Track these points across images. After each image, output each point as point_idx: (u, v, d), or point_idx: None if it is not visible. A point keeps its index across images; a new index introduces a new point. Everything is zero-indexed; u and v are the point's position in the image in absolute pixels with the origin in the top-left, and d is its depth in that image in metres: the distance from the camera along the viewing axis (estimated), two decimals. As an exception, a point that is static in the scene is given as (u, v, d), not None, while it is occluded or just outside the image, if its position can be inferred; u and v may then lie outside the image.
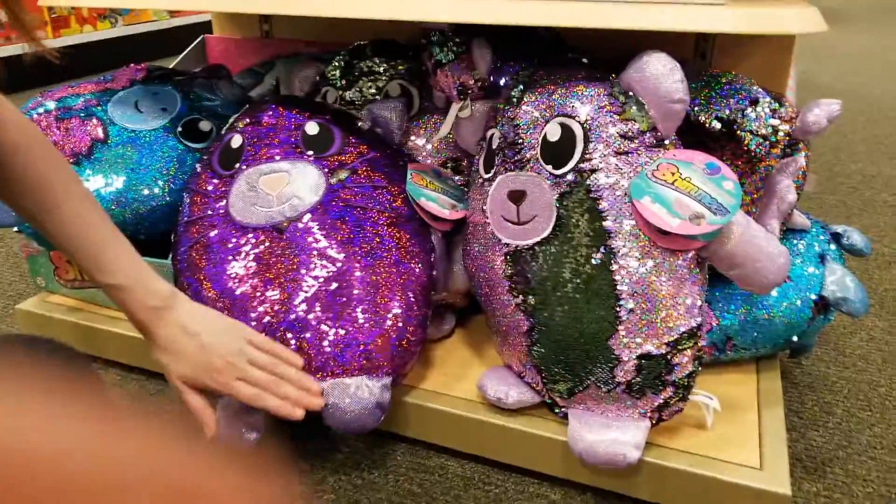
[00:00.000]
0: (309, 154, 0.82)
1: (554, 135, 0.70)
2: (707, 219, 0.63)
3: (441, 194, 0.84)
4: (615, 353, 0.67)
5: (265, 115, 0.86)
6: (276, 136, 0.84)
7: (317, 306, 0.74)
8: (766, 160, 0.75)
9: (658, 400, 0.69)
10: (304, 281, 0.75)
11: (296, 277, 0.76)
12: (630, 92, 0.69)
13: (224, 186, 0.83)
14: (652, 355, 0.67)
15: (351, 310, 0.74)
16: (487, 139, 0.78)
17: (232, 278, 0.77)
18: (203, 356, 0.64)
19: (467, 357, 0.88)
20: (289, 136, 0.84)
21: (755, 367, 0.84)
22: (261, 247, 0.78)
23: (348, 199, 0.80)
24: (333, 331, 0.73)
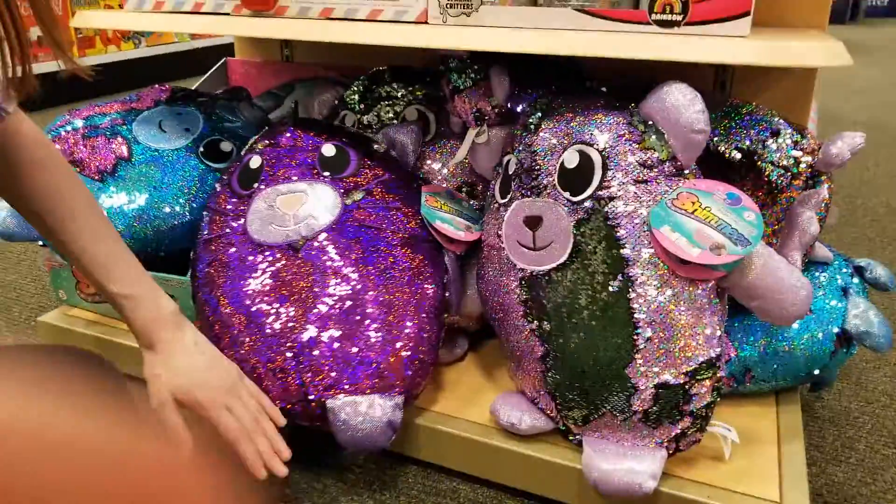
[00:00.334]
0: (325, 175, 0.83)
1: (572, 162, 0.70)
2: (728, 249, 0.62)
3: (455, 216, 0.84)
4: (632, 382, 0.67)
5: (283, 137, 0.88)
6: (294, 158, 0.85)
7: (330, 324, 0.75)
8: (788, 192, 0.75)
9: (675, 430, 0.68)
10: (319, 299, 0.76)
11: (310, 295, 0.76)
12: (650, 121, 0.69)
13: (243, 205, 0.83)
14: (669, 384, 0.66)
15: (364, 328, 0.74)
16: (504, 165, 0.78)
17: (248, 295, 0.78)
18: (204, 373, 0.65)
19: (480, 381, 0.87)
20: (306, 158, 0.85)
21: (775, 400, 0.83)
22: (277, 265, 0.78)
23: (363, 220, 0.80)
24: (346, 349, 0.73)
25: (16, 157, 0.58)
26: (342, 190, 0.82)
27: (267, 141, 0.88)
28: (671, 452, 0.69)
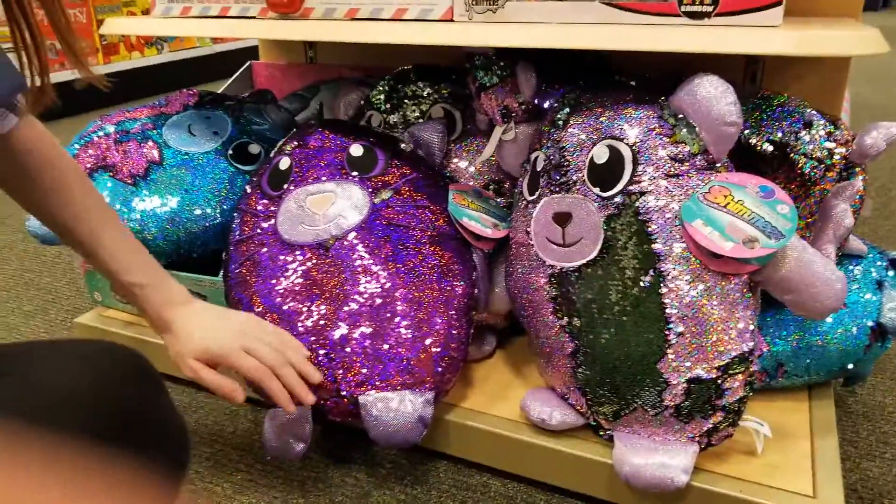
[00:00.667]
0: (354, 175, 0.84)
1: (601, 157, 0.70)
2: (761, 242, 0.62)
3: (483, 213, 0.85)
4: (664, 377, 0.67)
5: (312, 138, 0.89)
6: (323, 158, 0.86)
7: (361, 321, 0.75)
8: (821, 184, 0.74)
9: (707, 424, 0.68)
10: (350, 297, 0.77)
11: (341, 293, 0.77)
12: (680, 114, 0.68)
13: (273, 206, 0.85)
14: (702, 379, 0.66)
15: (395, 325, 0.75)
16: (531, 162, 0.78)
17: (280, 294, 0.79)
18: (214, 328, 0.66)
19: (508, 377, 0.88)
20: (334, 158, 0.86)
21: (808, 395, 0.82)
22: (308, 264, 0.79)
23: (391, 218, 0.81)
24: (377, 345, 0.74)
25: (25, 160, 0.60)
26: (370, 189, 0.83)
27: (295, 142, 0.89)
28: (703, 447, 0.69)
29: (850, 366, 0.78)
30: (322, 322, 0.76)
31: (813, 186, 0.75)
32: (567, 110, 0.75)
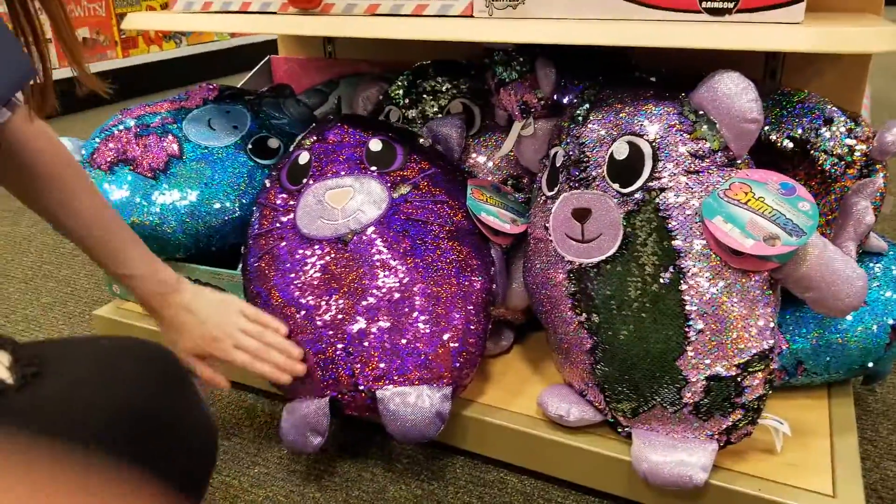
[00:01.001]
0: (372, 169, 0.84)
1: (621, 153, 0.69)
2: (782, 240, 0.61)
3: (501, 209, 0.85)
4: (683, 374, 0.67)
5: (331, 133, 0.89)
6: (342, 153, 0.86)
7: (379, 316, 0.76)
8: (842, 181, 0.73)
9: (726, 422, 0.67)
10: (368, 291, 0.77)
11: (359, 288, 0.77)
12: (701, 111, 0.68)
13: (292, 200, 0.85)
14: (721, 377, 0.66)
15: (412, 320, 0.75)
16: (551, 157, 0.78)
17: (298, 288, 0.79)
18: (203, 329, 0.73)
19: (526, 373, 0.88)
20: (353, 153, 0.86)
21: (827, 393, 0.82)
22: (326, 258, 0.80)
23: (410, 213, 0.81)
24: (395, 340, 0.75)
25: (19, 153, 0.61)
26: (389, 184, 0.83)
27: (315, 137, 0.89)
28: (722, 445, 0.69)
29: (870, 364, 0.78)
30: (340, 316, 0.77)
31: (833, 183, 0.74)
32: (587, 106, 0.75)
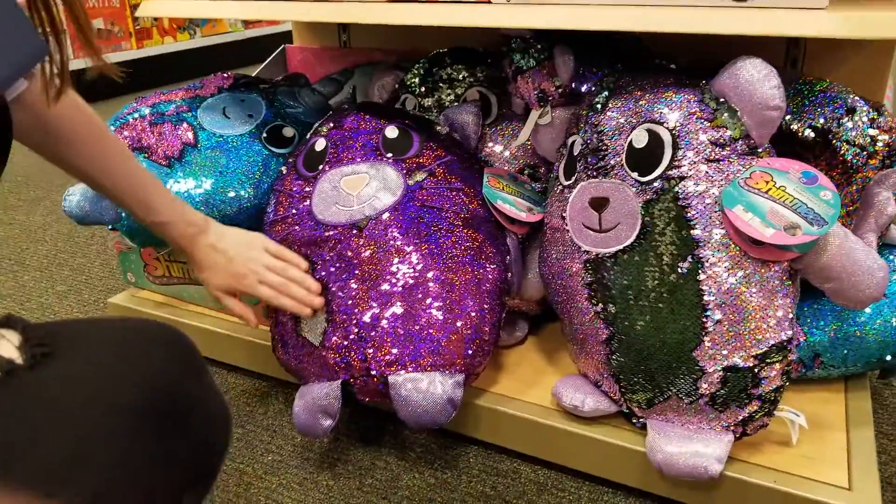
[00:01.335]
0: (388, 156, 0.84)
1: (640, 141, 0.69)
2: (803, 229, 0.61)
3: (517, 197, 0.85)
4: (699, 365, 0.66)
5: (348, 120, 0.89)
6: (358, 140, 0.86)
7: (393, 302, 0.76)
8: (863, 171, 0.72)
9: (743, 413, 0.67)
10: (382, 277, 0.77)
11: (373, 273, 0.77)
12: (722, 98, 0.67)
13: (308, 187, 0.85)
14: (739, 368, 0.65)
15: (426, 306, 0.75)
16: (568, 146, 0.78)
17: (313, 273, 0.80)
18: (231, 266, 0.78)
19: (540, 364, 0.88)
20: (369, 140, 0.86)
21: (844, 386, 0.81)
22: (341, 244, 0.80)
23: (425, 200, 0.81)
24: (409, 326, 0.75)
25: (45, 117, 0.64)
26: (405, 171, 0.83)
27: (331, 124, 0.89)
28: (738, 436, 0.68)
29: (888, 357, 0.77)
30: (354, 301, 0.77)
31: (855, 174, 0.74)
32: (606, 94, 0.74)
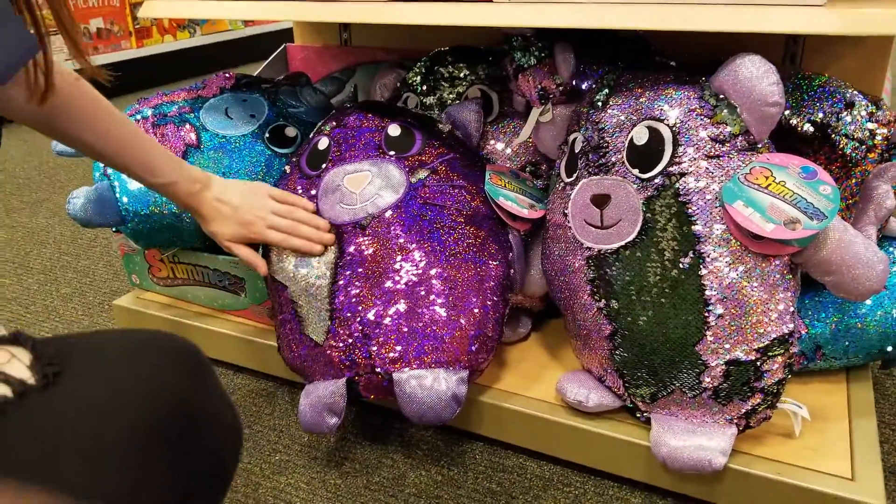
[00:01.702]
0: (391, 154, 0.85)
1: (641, 138, 0.69)
2: (803, 224, 0.61)
3: (519, 194, 0.85)
4: (702, 359, 0.67)
5: (350, 119, 0.89)
6: (361, 138, 0.87)
7: (396, 299, 0.76)
8: (862, 165, 0.73)
9: (746, 406, 0.68)
10: (385, 275, 0.78)
11: (377, 271, 0.78)
12: (721, 95, 0.68)
13: (311, 186, 0.86)
14: (741, 361, 0.66)
15: (430, 304, 0.76)
16: (569, 143, 0.78)
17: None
18: (237, 216, 0.81)
19: (544, 359, 0.88)
20: (372, 138, 0.86)
21: (845, 377, 0.82)
22: (344, 242, 0.80)
23: (428, 198, 0.82)
24: (412, 323, 0.75)
25: (63, 111, 0.67)
26: (407, 169, 0.84)
27: (334, 123, 0.90)
28: (741, 429, 0.69)
29: (889, 348, 0.78)
30: (358, 299, 0.77)
31: (854, 168, 0.74)
32: (606, 91, 0.75)
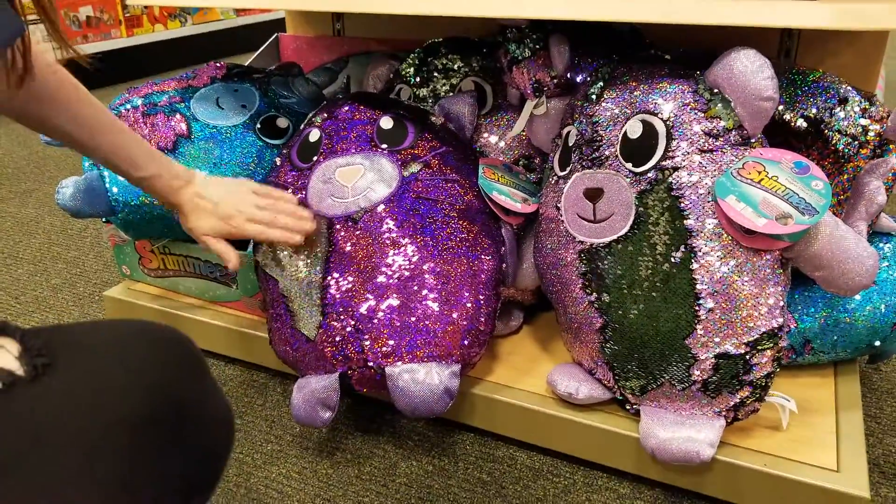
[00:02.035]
0: (383, 147, 0.84)
1: (635, 132, 0.69)
2: (795, 219, 0.62)
3: (513, 188, 0.85)
4: (692, 352, 0.67)
5: (342, 111, 0.89)
6: (353, 131, 0.86)
7: (389, 293, 0.76)
8: (855, 160, 0.73)
9: (734, 399, 0.68)
10: (378, 269, 0.77)
11: (370, 265, 0.78)
12: (716, 89, 0.68)
13: (302, 178, 0.85)
14: (730, 355, 0.66)
15: (422, 298, 0.76)
16: (563, 137, 0.78)
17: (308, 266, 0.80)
18: (217, 210, 0.78)
19: (535, 352, 0.88)
20: (364, 131, 0.86)
21: (833, 371, 0.83)
22: (336, 236, 0.80)
23: (420, 191, 0.82)
24: (405, 317, 0.75)
25: (40, 99, 0.65)
26: (400, 162, 0.83)
27: (325, 114, 0.89)
28: (729, 421, 0.70)
29: (877, 343, 0.78)
30: (350, 294, 0.77)
31: (846, 163, 0.74)
32: (600, 84, 0.74)
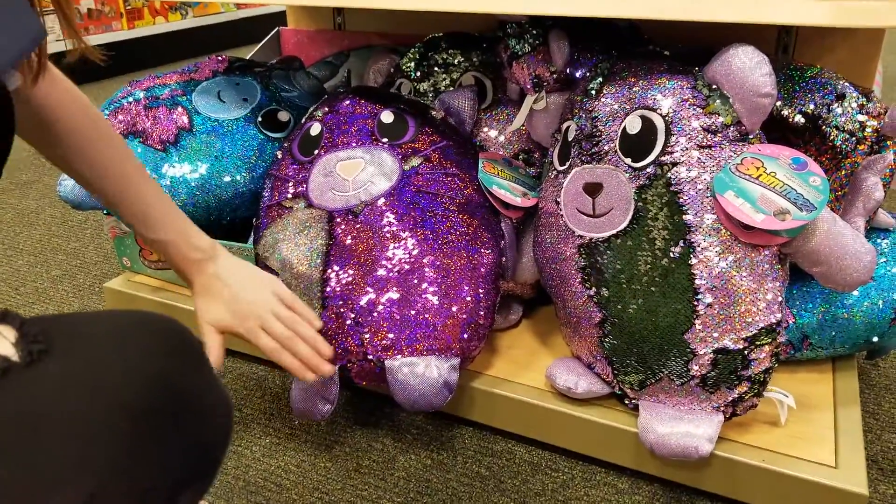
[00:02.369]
0: (384, 141, 0.85)
1: (634, 127, 0.70)
2: (793, 214, 0.62)
3: (512, 182, 0.85)
4: (691, 347, 0.67)
5: (343, 105, 0.89)
6: (354, 125, 0.87)
7: (389, 287, 0.77)
8: (852, 156, 0.73)
9: (733, 394, 0.69)
10: (378, 262, 0.78)
11: (370, 259, 0.78)
12: (714, 85, 0.68)
13: (303, 172, 0.86)
14: (729, 350, 0.67)
15: (422, 291, 0.76)
16: (563, 131, 0.79)
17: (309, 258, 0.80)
18: (233, 302, 0.68)
19: (534, 346, 0.89)
20: (365, 125, 0.86)
21: (831, 367, 0.83)
22: (337, 229, 0.81)
23: (421, 185, 0.82)
24: (405, 311, 0.76)
25: (43, 114, 0.59)
26: (400, 156, 0.84)
27: (326, 108, 0.90)
28: (728, 417, 0.70)
29: (875, 339, 0.79)
30: (350, 287, 0.78)
31: (844, 159, 0.75)
32: (600, 79, 0.75)
